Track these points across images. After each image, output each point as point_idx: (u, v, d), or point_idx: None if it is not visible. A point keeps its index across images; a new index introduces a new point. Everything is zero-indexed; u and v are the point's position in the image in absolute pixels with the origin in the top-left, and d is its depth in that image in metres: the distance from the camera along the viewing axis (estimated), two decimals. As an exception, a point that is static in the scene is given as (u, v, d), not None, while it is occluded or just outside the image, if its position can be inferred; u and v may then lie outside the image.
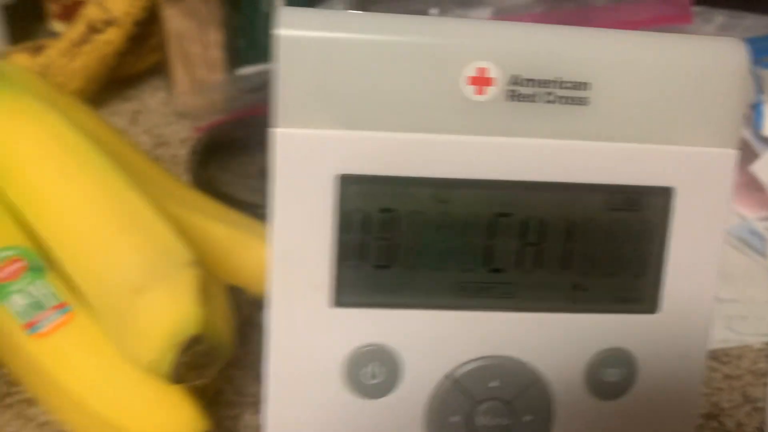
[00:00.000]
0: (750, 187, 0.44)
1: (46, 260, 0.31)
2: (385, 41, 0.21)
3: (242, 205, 0.41)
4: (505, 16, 0.47)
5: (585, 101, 0.22)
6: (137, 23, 0.54)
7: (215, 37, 0.53)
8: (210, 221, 0.37)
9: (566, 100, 0.22)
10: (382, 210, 0.22)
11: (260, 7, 0.54)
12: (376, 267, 0.22)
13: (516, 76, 0.21)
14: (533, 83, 0.21)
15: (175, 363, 0.26)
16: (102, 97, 0.56)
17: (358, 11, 0.22)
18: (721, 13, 0.48)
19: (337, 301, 0.22)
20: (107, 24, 0.52)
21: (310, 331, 0.22)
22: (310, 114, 0.21)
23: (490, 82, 0.21)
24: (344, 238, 0.22)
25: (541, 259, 0.23)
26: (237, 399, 0.33)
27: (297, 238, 0.21)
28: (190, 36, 0.53)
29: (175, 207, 0.35)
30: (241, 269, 0.36)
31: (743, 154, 0.24)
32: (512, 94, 0.21)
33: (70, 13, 0.59)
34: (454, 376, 0.23)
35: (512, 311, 0.23)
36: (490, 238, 0.22)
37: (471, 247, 0.22)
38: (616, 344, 0.23)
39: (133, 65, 0.58)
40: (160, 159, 0.50)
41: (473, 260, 0.22)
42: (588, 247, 0.23)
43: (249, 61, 0.54)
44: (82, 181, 0.31)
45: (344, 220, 0.22)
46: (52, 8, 0.61)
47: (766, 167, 0.43)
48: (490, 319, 0.22)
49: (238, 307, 0.31)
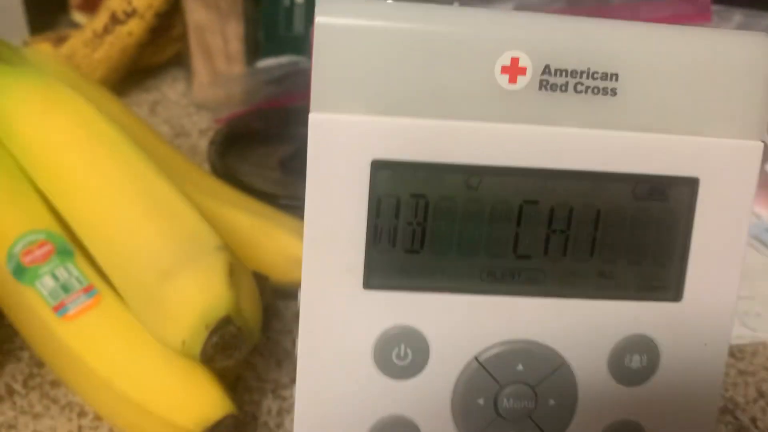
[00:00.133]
0: (765, 186, 0.44)
1: (74, 244, 0.32)
2: (421, 30, 0.21)
3: (261, 196, 0.41)
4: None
5: (613, 91, 0.22)
6: (159, 15, 0.54)
7: (236, 30, 0.53)
8: (233, 210, 0.37)
9: (595, 90, 0.22)
10: (413, 195, 0.22)
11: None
12: (407, 251, 0.22)
13: (547, 66, 0.22)
14: (564, 73, 0.22)
15: (205, 344, 0.27)
16: (122, 87, 0.57)
17: (393, 1, 0.22)
18: (740, 12, 0.49)
19: (367, 284, 0.22)
20: (129, 15, 0.53)
21: (342, 313, 0.22)
22: (344, 99, 0.21)
23: (523, 71, 0.22)
24: (376, 222, 0.22)
25: (568, 247, 0.23)
26: (258, 385, 0.34)
27: (330, 222, 0.22)
28: (211, 28, 0.53)
29: (199, 195, 0.35)
30: (264, 258, 0.36)
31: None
32: (543, 83, 0.22)
33: (91, 4, 0.59)
34: (480, 360, 0.23)
35: (539, 297, 0.23)
36: (518, 224, 0.23)
37: (499, 234, 0.23)
38: (639, 331, 0.23)
39: (153, 56, 0.58)
40: (179, 149, 0.50)
41: (501, 246, 0.23)
42: (614, 235, 0.23)
43: (269, 53, 0.54)
44: (111, 167, 0.31)
45: (376, 205, 0.22)
46: (73, -1, 0.62)
47: (781, 166, 0.43)
48: (516, 304, 0.23)
49: (261, 294, 0.31)
